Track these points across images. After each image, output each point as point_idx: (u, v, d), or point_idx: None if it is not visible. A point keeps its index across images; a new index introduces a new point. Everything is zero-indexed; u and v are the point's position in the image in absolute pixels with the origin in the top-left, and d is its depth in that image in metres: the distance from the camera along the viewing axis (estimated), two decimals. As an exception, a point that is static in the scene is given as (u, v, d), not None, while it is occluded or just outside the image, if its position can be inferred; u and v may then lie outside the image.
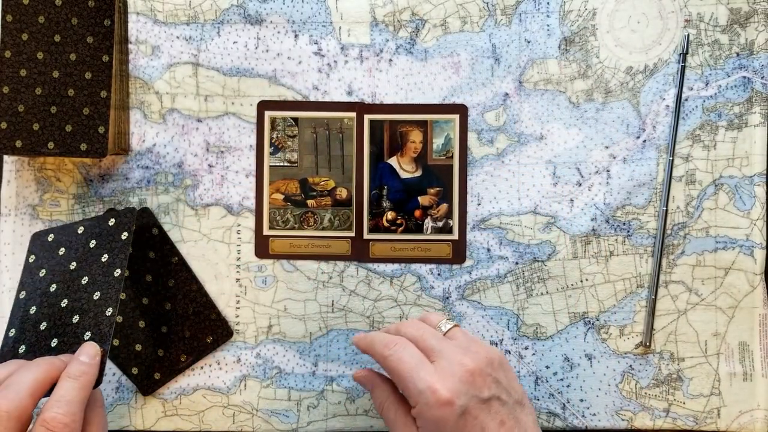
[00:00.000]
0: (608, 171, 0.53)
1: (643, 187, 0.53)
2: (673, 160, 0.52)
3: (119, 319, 0.53)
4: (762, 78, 0.52)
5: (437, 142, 0.52)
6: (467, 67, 0.53)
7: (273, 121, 0.53)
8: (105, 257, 0.47)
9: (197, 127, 0.54)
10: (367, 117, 0.52)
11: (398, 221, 0.53)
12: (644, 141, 0.53)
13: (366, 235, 0.53)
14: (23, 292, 0.48)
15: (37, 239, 0.50)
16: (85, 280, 0.47)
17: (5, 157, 0.54)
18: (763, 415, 0.52)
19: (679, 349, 0.52)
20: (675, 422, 0.52)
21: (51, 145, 0.50)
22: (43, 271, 0.48)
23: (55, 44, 0.50)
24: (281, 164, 0.53)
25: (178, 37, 0.54)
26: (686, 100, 0.53)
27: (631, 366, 0.53)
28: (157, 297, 0.53)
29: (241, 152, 0.54)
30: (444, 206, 0.53)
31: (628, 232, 0.53)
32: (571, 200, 0.53)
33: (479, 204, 0.53)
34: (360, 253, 0.53)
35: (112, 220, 0.48)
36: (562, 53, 0.53)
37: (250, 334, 0.54)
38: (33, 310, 0.47)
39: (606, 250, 0.53)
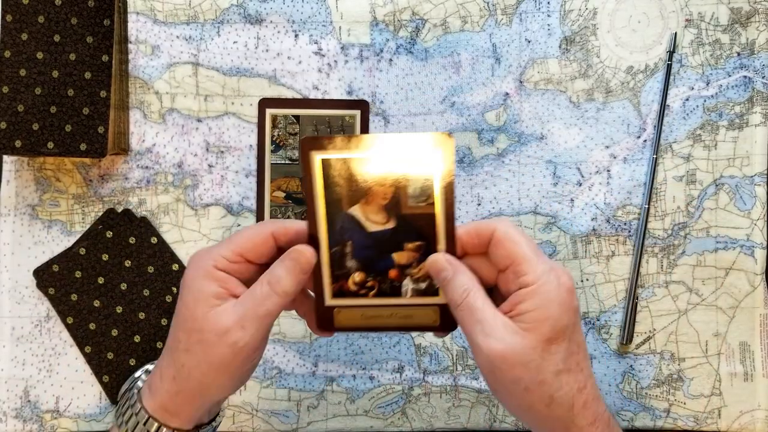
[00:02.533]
0: (609, 171, 0.53)
1: (643, 186, 0.53)
2: (657, 158, 0.52)
3: (114, 333, 0.53)
4: (763, 78, 0.52)
5: (414, 185, 0.40)
6: (467, 67, 0.53)
7: (274, 118, 0.53)
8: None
9: (197, 127, 0.54)
10: (315, 155, 0.40)
11: (369, 284, 0.42)
12: (645, 141, 0.53)
13: (328, 302, 0.42)
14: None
15: None
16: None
17: (5, 157, 0.54)
18: (763, 415, 0.52)
19: (679, 350, 0.52)
20: (676, 422, 0.52)
21: (50, 144, 0.50)
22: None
23: (54, 44, 0.50)
24: (282, 162, 0.53)
25: (177, 37, 0.53)
26: (687, 99, 0.53)
27: (631, 366, 0.52)
28: (156, 312, 0.53)
29: (240, 152, 0.54)
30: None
31: (629, 232, 0.53)
32: (572, 200, 0.53)
33: (479, 204, 0.53)
34: (323, 323, 0.42)
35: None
36: (563, 53, 0.53)
37: (250, 335, 0.53)
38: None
39: (607, 250, 0.53)
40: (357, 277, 0.42)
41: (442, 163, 0.40)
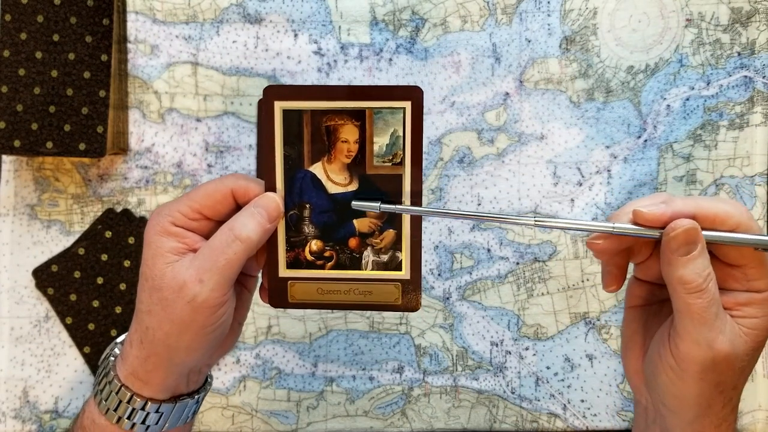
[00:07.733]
0: (609, 171, 0.53)
1: (644, 186, 0.52)
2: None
3: (113, 333, 0.53)
4: (763, 77, 0.52)
5: (380, 142, 0.38)
6: (467, 67, 0.53)
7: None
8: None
9: (196, 126, 0.54)
10: (278, 105, 0.37)
11: (326, 253, 0.39)
12: (645, 141, 0.52)
13: (282, 272, 0.40)
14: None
15: None
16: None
17: (4, 157, 0.54)
18: (764, 415, 0.52)
19: (680, 350, 0.52)
20: (676, 423, 0.52)
21: (49, 144, 0.50)
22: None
23: (53, 43, 0.50)
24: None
25: (177, 37, 0.53)
26: (687, 99, 0.52)
27: (632, 366, 0.52)
28: None
29: (240, 152, 0.54)
30: (390, 233, 0.39)
31: (629, 232, 0.52)
32: (572, 200, 0.53)
33: (479, 204, 0.53)
34: (276, 296, 0.40)
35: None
36: (563, 52, 0.53)
37: (249, 335, 0.53)
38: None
39: (607, 250, 0.53)
40: (314, 245, 0.39)
41: (411, 118, 0.37)
